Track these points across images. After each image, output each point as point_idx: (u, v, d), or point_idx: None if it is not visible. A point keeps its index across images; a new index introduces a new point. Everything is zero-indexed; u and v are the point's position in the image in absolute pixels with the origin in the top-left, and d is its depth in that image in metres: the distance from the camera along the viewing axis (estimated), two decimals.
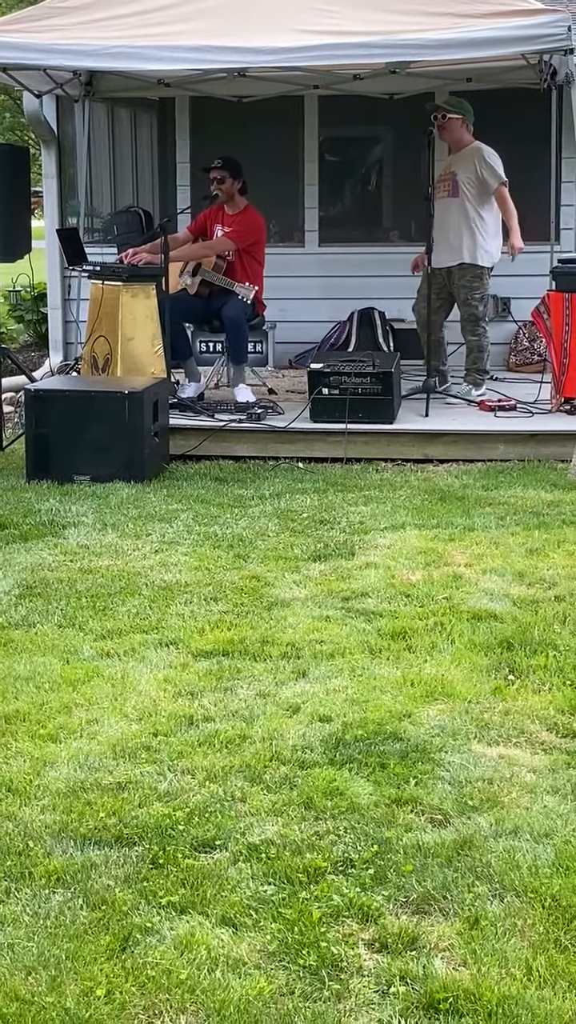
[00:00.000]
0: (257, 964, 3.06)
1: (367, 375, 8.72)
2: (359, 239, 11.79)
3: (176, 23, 8.34)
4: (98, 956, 3.08)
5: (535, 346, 11.06)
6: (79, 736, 4.28)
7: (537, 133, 10.55)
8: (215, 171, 9.66)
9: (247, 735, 4.26)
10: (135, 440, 7.96)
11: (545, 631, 5.16)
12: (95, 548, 6.48)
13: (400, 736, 4.22)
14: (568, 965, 3.02)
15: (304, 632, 5.22)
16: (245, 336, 9.70)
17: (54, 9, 8.77)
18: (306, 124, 11.63)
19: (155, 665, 4.89)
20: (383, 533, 6.70)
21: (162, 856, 3.50)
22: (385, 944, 3.13)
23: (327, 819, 3.70)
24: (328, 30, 8.12)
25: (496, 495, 7.52)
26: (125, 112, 12.69)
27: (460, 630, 5.19)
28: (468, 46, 8.02)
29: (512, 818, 3.70)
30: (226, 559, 6.28)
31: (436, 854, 3.50)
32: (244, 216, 9.73)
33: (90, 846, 3.58)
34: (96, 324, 9.11)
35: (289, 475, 8.18)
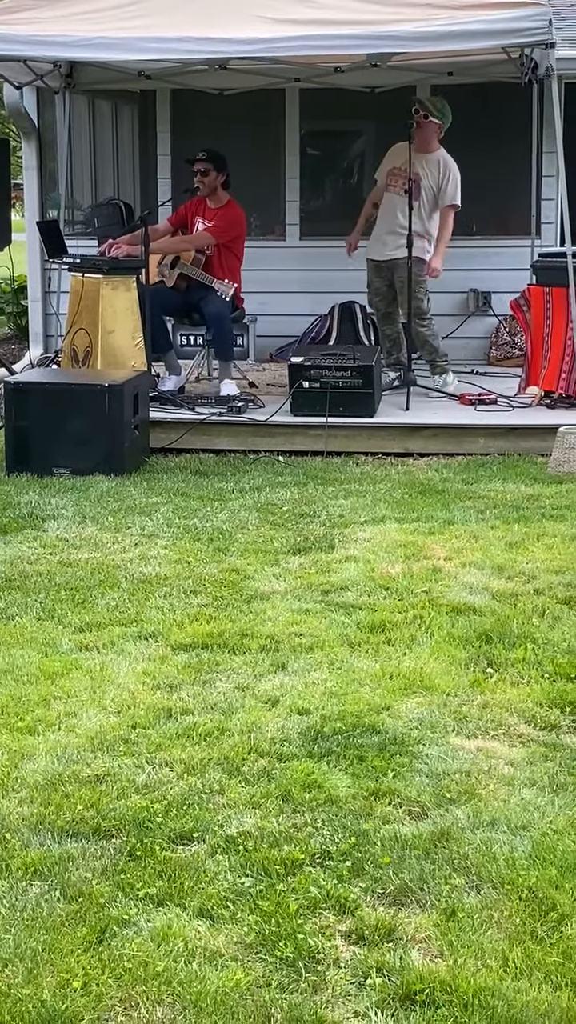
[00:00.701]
0: (234, 956, 3.06)
1: (348, 369, 8.72)
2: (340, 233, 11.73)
3: (157, 15, 8.31)
4: (75, 948, 3.08)
5: (515, 340, 11.06)
6: (57, 729, 4.28)
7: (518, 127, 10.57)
8: (199, 163, 9.62)
9: (225, 728, 4.26)
10: (115, 433, 7.95)
11: (524, 624, 5.17)
12: (75, 541, 6.47)
13: (378, 729, 4.23)
14: (544, 957, 3.03)
15: (283, 625, 5.22)
16: (230, 332, 9.69)
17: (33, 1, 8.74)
18: (287, 117, 11.62)
19: (134, 658, 4.89)
20: (363, 526, 6.70)
21: (140, 848, 3.50)
22: (362, 936, 3.13)
23: (305, 811, 3.70)
24: (309, 19, 8.10)
25: (476, 489, 7.53)
26: (106, 104, 12.67)
27: (439, 623, 5.20)
28: (449, 38, 8.01)
29: (489, 810, 3.71)
30: (206, 552, 6.28)
31: (413, 846, 3.50)
32: (226, 210, 9.70)
33: (67, 838, 3.57)
34: (76, 317, 9.08)
35: (269, 468, 8.18)
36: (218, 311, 9.42)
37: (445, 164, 9.51)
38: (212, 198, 9.71)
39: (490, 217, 10.84)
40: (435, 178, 9.50)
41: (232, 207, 9.72)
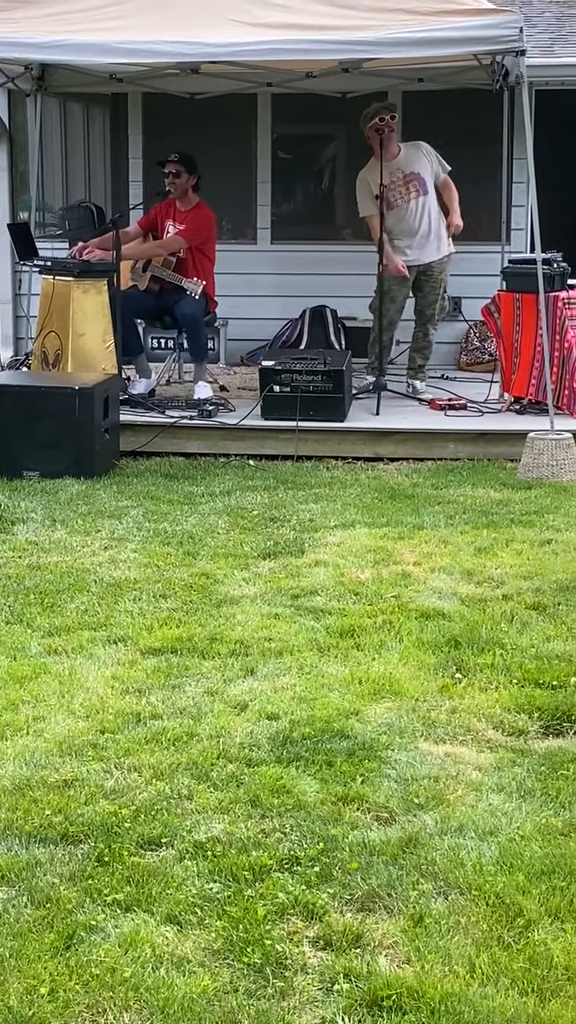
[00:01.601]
0: (202, 962, 3.06)
1: (318, 373, 8.74)
2: (312, 237, 11.81)
3: (131, 17, 8.32)
4: (42, 954, 3.07)
5: (485, 345, 11.10)
6: (25, 733, 4.26)
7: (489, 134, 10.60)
8: (170, 164, 9.62)
9: (194, 732, 4.26)
10: (85, 436, 7.94)
11: (492, 630, 5.19)
12: (44, 544, 6.46)
13: (347, 734, 4.23)
14: (511, 962, 3.04)
15: (253, 629, 5.22)
16: (203, 333, 9.68)
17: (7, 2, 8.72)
18: (259, 121, 11.63)
19: (103, 662, 4.88)
20: (333, 531, 6.71)
21: (108, 854, 3.49)
22: (329, 942, 3.14)
23: (273, 817, 3.70)
24: (281, 24, 8.11)
25: (446, 494, 7.55)
26: (78, 107, 12.64)
27: (408, 628, 5.21)
28: (421, 45, 8.04)
29: (457, 816, 3.72)
30: (176, 556, 6.27)
31: (381, 852, 3.51)
32: (196, 213, 9.71)
33: (35, 844, 3.56)
34: (47, 319, 9.06)
35: (240, 472, 8.18)
36: (192, 313, 9.42)
37: (421, 147, 9.69)
38: (182, 201, 9.71)
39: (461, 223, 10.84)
40: (426, 165, 9.63)
41: (202, 210, 9.72)
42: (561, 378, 8.82)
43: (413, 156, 9.61)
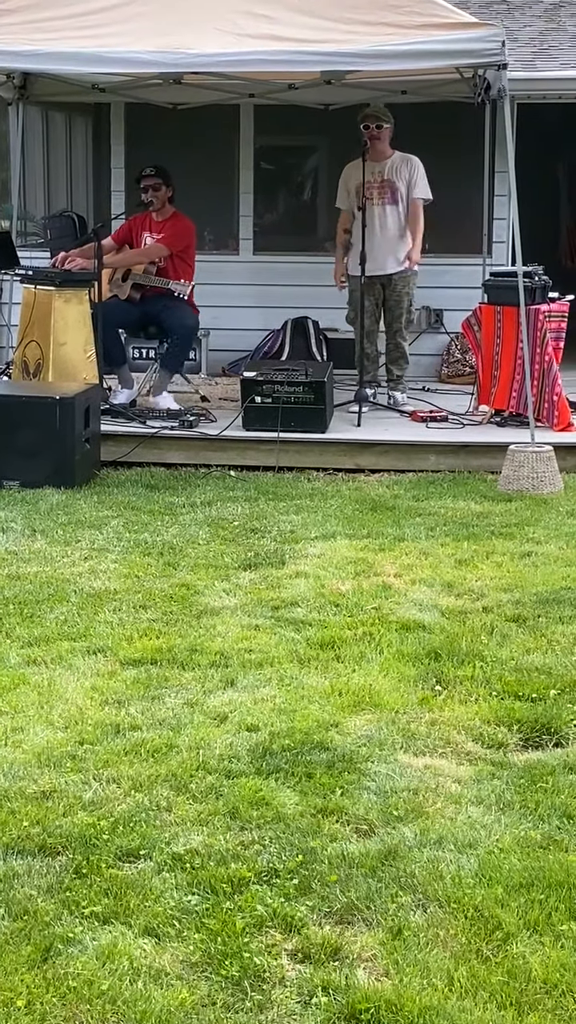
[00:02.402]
0: (179, 975, 3.05)
1: (300, 384, 8.74)
2: (294, 248, 11.81)
3: (114, 24, 8.32)
4: (19, 966, 3.06)
5: (466, 358, 11.11)
6: (3, 744, 4.25)
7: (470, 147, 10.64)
8: (149, 179, 9.64)
9: (174, 744, 4.25)
10: (66, 446, 7.92)
11: (473, 642, 5.19)
12: (23, 554, 6.44)
13: (327, 746, 4.23)
14: (489, 976, 3.04)
15: (233, 641, 5.21)
16: (191, 345, 9.64)
17: None
18: (242, 132, 11.64)
19: (82, 673, 4.87)
20: (314, 542, 6.71)
21: (86, 866, 3.48)
22: (308, 954, 3.13)
23: (252, 829, 3.69)
24: (265, 35, 8.13)
25: (426, 505, 7.56)
26: (60, 116, 12.65)
27: (388, 640, 5.21)
28: (403, 57, 8.07)
29: (436, 828, 3.71)
30: (156, 567, 6.26)
31: (360, 864, 3.50)
32: (175, 221, 9.73)
33: (12, 855, 3.55)
34: (28, 329, 9.05)
35: (221, 483, 8.17)
36: (187, 321, 9.46)
37: (410, 161, 9.68)
38: (159, 212, 9.73)
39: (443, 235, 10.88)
40: (405, 179, 9.65)
41: (180, 218, 9.76)
42: (541, 391, 8.84)
43: (399, 167, 9.63)
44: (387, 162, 9.59)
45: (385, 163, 9.57)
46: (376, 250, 9.53)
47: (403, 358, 9.92)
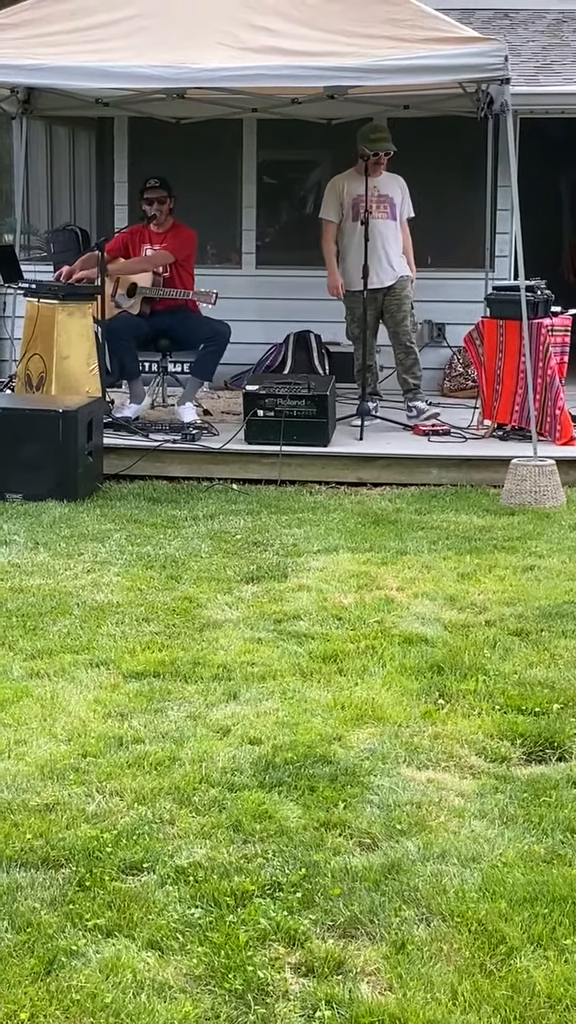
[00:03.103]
0: (183, 988, 3.04)
1: (302, 398, 8.75)
2: (296, 262, 11.83)
3: (118, 39, 8.35)
4: (22, 979, 3.05)
5: (469, 372, 11.13)
6: (7, 757, 4.25)
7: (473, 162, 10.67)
8: (154, 191, 9.66)
9: (177, 757, 4.25)
10: (69, 459, 7.93)
11: (475, 656, 5.19)
12: (26, 567, 6.44)
13: (330, 759, 4.23)
14: (493, 990, 3.03)
15: (236, 654, 5.22)
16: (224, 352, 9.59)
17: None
18: (245, 147, 11.68)
19: (85, 686, 4.87)
20: (316, 556, 6.71)
21: (89, 879, 3.48)
22: (311, 968, 3.12)
23: (255, 842, 3.69)
24: (268, 48, 8.15)
25: (429, 519, 7.56)
26: (63, 130, 12.68)
27: (391, 654, 5.21)
28: (406, 72, 8.09)
29: (440, 842, 3.71)
30: (159, 580, 6.27)
31: (364, 878, 3.50)
32: (176, 231, 9.77)
33: (16, 868, 3.55)
34: (31, 342, 9.06)
35: (223, 496, 8.18)
36: (220, 328, 9.45)
37: (401, 181, 9.79)
38: (158, 223, 9.75)
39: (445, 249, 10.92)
40: (399, 196, 9.75)
41: (182, 227, 9.80)
42: (544, 404, 8.85)
43: (392, 183, 9.72)
44: (379, 178, 9.63)
45: (377, 179, 9.61)
46: (378, 264, 9.57)
47: (416, 364, 9.83)
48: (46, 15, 8.70)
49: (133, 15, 8.53)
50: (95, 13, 8.60)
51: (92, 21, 8.54)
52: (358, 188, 9.53)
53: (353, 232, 9.64)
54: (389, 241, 9.68)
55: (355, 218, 9.59)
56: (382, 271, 9.63)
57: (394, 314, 9.78)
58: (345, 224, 9.73)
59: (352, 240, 9.65)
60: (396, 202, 9.68)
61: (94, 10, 8.61)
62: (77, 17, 8.58)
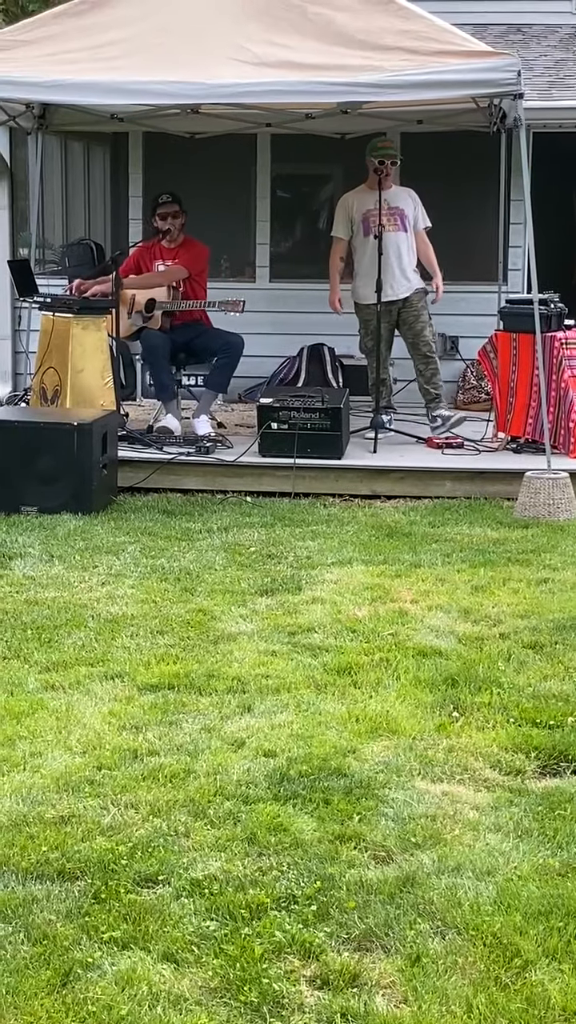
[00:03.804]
0: (198, 1000, 3.05)
1: (316, 410, 8.77)
2: (310, 275, 11.85)
3: (131, 56, 8.38)
4: (38, 991, 3.06)
5: (482, 384, 11.15)
6: (22, 769, 4.26)
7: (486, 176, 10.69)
8: (168, 206, 9.70)
9: (191, 769, 4.25)
10: (83, 472, 7.95)
11: (490, 668, 5.19)
12: (41, 580, 6.46)
13: (344, 772, 4.23)
14: (508, 1003, 3.03)
15: (250, 666, 5.22)
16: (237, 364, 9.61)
17: (8, 41, 8.81)
18: (258, 161, 11.72)
19: (100, 698, 4.88)
20: (330, 568, 6.72)
21: (104, 891, 3.48)
22: (327, 981, 3.13)
23: (270, 855, 3.70)
24: (281, 62, 8.18)
25: (442, 532, 7.56)
26: (78, 145, 12.73)
27: (405, 666, 5.21)
28: (419, 87, 8.11)
29: (455, 855, 3.71)
30: (173, 592, 6.28)
31: (379, 891, 3.50)
32: (189, 245, 9.81)
33: (32, 880, 3.55)
34: (46, 355, 9.10)
35: (237, 509, 8.19)
36: (234, 340, 9.46)
37: (411, 191, 9.85)
38: (169, 239, 9.78)
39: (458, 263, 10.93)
40: (411, 208, 9.79)
41: (194, 242, 9.85)
42: (558, 417, 8.86)
43: (402, 195, 9.77)
44: (389, 191, 9.66)
45: (387, 192, 9.64)
46: (391, 277, 9.60)
47: (436, 374, 9.85)
48: (60, 32, 8.75)
49: (147, 31, 8.57)
50: (109, 30, 8.65)
51: (105, 39, 8.59)
52: (368, 203, 9.58)
53: (365, 247, 9.67)
54: (402, 253, 9.71)
55: (366, 233, 9.63)
56: (396, 284, 9.65)
57: (412, 325, 9.80)
58: (356, 240, 9.76)
59: (364, 254, 9.68)
60: (407, 214, 9.71)
61: (108, 27, 8.66)
62: (91, 34, 8.63)
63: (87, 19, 8.81)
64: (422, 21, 8.42)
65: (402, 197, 9.73)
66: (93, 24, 8.73)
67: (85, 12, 8.96)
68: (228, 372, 9.57)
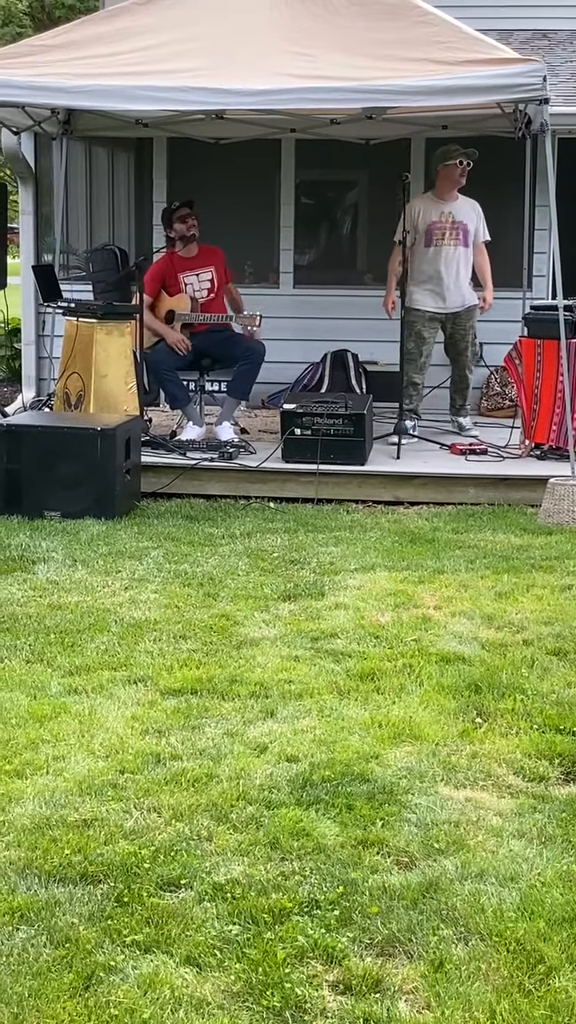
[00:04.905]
0: (221, 1004, 3.04)
1: (340, 416, 8.76)
2: (334, 282, 11.87)
3: (155, 64, 8.40)
4: (61, 994, 3.06)
5: (506, 391, 11.14)
6: (45, 772, 4.26)
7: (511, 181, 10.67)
8: (189, 213, 9.71)
9: (214, 774, 4.25)
10: (107, 477, 7.96)
11: (513, 675, 5.18)
12: (64, 584, 6.47)
13: (367, 777, 4.22)
14: (532, 1010, 3.02)
15: (273, 671, 5.22)
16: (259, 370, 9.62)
17: (35, 47, 8.84)
18: (283, 167, 11.72)
19: (123, 702, 4.88)
20: (353, 574, 6.71)
21: (127, 894, 3.48)
22: (349, 986, 3.12)
23: (293, 859, 3.69)
24: (306, 73, 8.19)
25: (466, 538, 7.55)
26: (103, 151, 12.76)
27: (428, 672, 5.20)
28: (445, 93, 8.10)
29: (478, 861, 3.70)
30: (196, 597, 6.28)
31: (402, 896, 3.49)
32: (210, 252, 9.83)
33: (54, 883, 3.56)
34: (70, 361, 9.12)
35: (260, 514, 8.19)
36: (257, 347, 9.48)
37: (475, 205, 9.99)
38: (186, 249, 9.78)
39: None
40: (473, 221, 9.95)
41: (212, 248, 9.85)
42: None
43: (467, 208, 9.93)
44: (455, 203, 9.79)
45: (453, 204, 9.79)
46: (447, 291, 9.88)
47: (468, 388, 10.30)
48: (85, 37, 8.78)
49: (171, 40, 8.59)
50: (133, 37, 8.67)
51: (129, 46, 8.61)
52: (433, 214, 9.80)
53: (425, 256, 9.86)
54: (460, 268, 9.92)
55: (428, 244, 9.84)
56: (450, 297, 9.92)
57: (457, 343, 10.12)
58: (417, 247, 9.84)
59: (423, 263, 9.86)
60: (470, 229, 9.90)
61: (133, 34, 8.69)
62: (115, 42, 8.66)
63: (112, 25, 8.84)
64: (448, 29, 8.40)
65: (467, 211, 9.88)
66: (119, 30, 8.76)
67: (111, 18, 9.01)
68: (250, 378, 9.57)
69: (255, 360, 9.49)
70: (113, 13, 9.19)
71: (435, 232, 9.78)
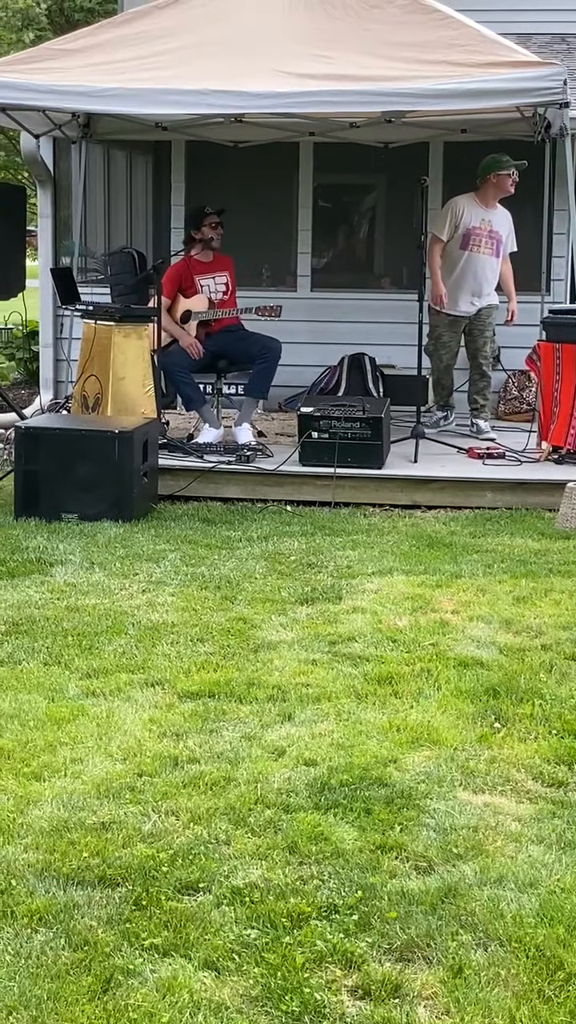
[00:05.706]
0: (239, 1008, 3.04)
1: (357, 420, 8.75)
2: (351, 285, 11.86)
3: (174, 67, 8.41)
4: (80, 997, 3.06)
5: (524, 395, 11.12)
6: (63, 775, 4.26)
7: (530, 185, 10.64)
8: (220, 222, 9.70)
9: (232, 777, 4.25)
10: (124, 479, 7.97)
11: (531, 680, 5.16)
12: (82, 586, 6.47)
13: (385, 782, 4.21)
14: (551, 1016, 3.01)
15: (290, 675, 5.21)
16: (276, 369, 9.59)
17: (55, 51, 8.85)
18: (301, 170, 11.73)
19: (140, 705, 4.88)
20: (370, 578, 6.70)
21: (145, 897, 3.48)
22: (368, 991, 3.11)
23: (311, 864, 3.68)
24: (325, 75, 8.18)
25: (483, 542, 7.53)
26: (121, 154, 12.78)
27: (446, 677, 5.19)
28: (464, 96, 8.10)
29: (497, 867, 3.69)
30: (213, 600, 6.28)
31: (420, 901, 3.48)
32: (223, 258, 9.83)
33: (73, 886, 3.55)
34: (87, 363, 9.13)
35: (277, 518, 8.19)
36: (273, 344, 9.47)
37: (509, 215, 10.09)
38: (202, 254, 9.78)
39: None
40: (508, 234, 10.07)
41: (225, 256, 9.87)
42: None
43: (503, 218, 10.03)
44: (495, 212, 9.90)
45: (493, 212, 9.88)
46: (470, 295, 9.99)
47: (487, 387, 10.33)
48: (106, 41, 8.80)
49: (191, 44, 8.60)
50: (153, 40, 8.69)
51: (150, 50, 8.62)
52: (475, 219, 9.89)
53: (459, 258, 9.96)
54: (488, 277, 10.03)
55: (463, 247, 9.93)
56: (475, 303, 10.02)
57: (476, 338, 10.18)
58: (452, 246, 9.91)
59: (456, 265, 9.96)
60: (503, 240, 9.97)
61: (153, 37, 8.71)
62: (136, 45, 8.67)
63: (132, 28, 8.87)
64: (468, 32, 8.40)
65: (503, 221, 10.00)
66: (138, 34, 8.78)
67: (129, 22, 9.04)
68: (268, 376, 9.54)
69: (271, 357, 9.46)
70: (132, 17, 9.22)
71: (473, 237, 9.91)
